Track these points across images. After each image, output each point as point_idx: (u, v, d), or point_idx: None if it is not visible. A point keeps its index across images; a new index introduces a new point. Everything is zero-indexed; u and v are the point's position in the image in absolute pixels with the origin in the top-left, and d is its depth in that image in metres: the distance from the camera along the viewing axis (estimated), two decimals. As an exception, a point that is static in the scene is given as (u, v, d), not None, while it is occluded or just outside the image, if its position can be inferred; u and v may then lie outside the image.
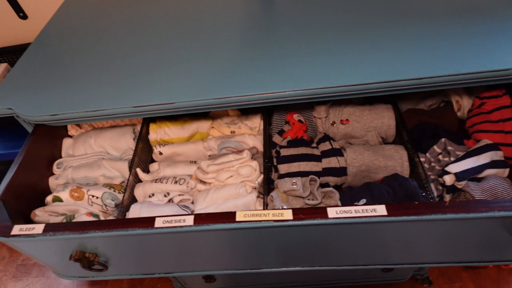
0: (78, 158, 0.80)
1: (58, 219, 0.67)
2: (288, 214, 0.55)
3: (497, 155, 0.69)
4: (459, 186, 0.66)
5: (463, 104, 0.83)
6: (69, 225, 0.58)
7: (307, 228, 0.56)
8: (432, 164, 0.72)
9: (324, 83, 0.63)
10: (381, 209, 0.54)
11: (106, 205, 0.70)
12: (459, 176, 0.65)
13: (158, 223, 0.56)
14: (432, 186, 0.68)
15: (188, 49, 0.79)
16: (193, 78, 0.70)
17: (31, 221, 0.69)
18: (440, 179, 0.68)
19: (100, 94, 0.70)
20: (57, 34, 0.93)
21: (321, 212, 0.55)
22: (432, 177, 0.71)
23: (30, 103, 0.71)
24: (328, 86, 0.63)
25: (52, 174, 0.79)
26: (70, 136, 0.86)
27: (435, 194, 0.67)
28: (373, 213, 0.53)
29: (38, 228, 0.58)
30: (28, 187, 0.72)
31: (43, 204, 0.73)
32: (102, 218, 0.68)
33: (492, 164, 0.68)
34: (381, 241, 0.61)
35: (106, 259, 0.66)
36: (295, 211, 0.55)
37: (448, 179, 0.66)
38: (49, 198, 0.71)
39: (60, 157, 0.83)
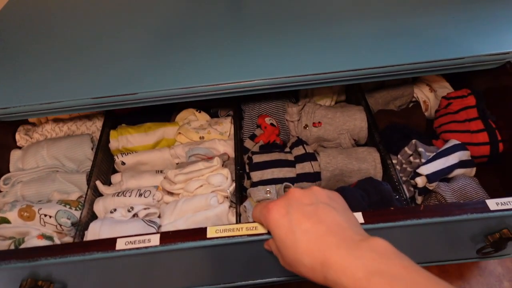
0: (29, 172, 0.72)
1: (5, 244, 0.60)
2: (262, 228, 0.52)
3: (465, 155, 0.69)
4: (430, 188, 0.66)
5: (430, 105, 0.84)
6: (16, 253, 0.52)
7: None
8: (404, 165, 0.72)
9: (292, 72, 0.64)
10: (358, 217, 0.52)
11: (61, 225, 0.63)
12: (430, 178, 0.65)
13: (120, 245, 0.51)
14: (405, 187, 0.68)
15: (151, 37, 0.76)
16: (157, 68, 0.68)
17: (-26, 247, 0.62)
18: (412, 181, 0.68)
19: (56, 86, 0.66)
20: (7, 20, 0.85)
21: (297, 223, 0.52)
22: (404, 178, 0.71)
23: None
24: (294, 75, 0.64)
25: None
26: (19, 148, 0.78)
27: (408, 195, 0.67)
28: (351, 222, 0.51)
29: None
30: (-31, 207, 0.64)
31: (-12, 225, 0.65)
32: (56, 239, 0.62)
33: (461, 164, 0.68)
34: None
35: (62, 285, 0.60)
36: (271, 224, 0.52)
37: (420, 181, 0.65)
38: (-6, 220, 0.63)
39: (7, 171, 0.74)
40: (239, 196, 0.69)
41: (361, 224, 0.51)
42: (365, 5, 0.79)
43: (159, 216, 0.68)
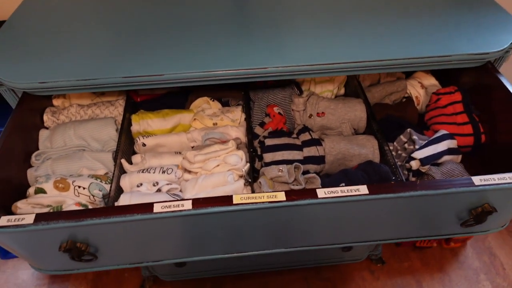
0: (58, 150, 0.78)
1: (44, 211, 0.65)
2: (281, 196, 0.60)
3: (452, 143, 0.79)
4: (423, 170, 0.75)
5: (422, 100, 0.94)
6: (63, 214, 0.58)
7: (298, 208, 0.61)
8: (399, 151, 0.81)
9: (301, 61, 0.72)
10: (363, 189, 0.60)
11: (93, 196, 0.69)
12: (423, 161, 0.74)
13: (157, 208, 0.58)
14: (400, 170, 0.77)
15: (179, 22, 0.83)
16: (181, 53, 0.75)
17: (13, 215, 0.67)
18: (407, 164, 0.77)
19: (89, 64, 0.73)
20: (42, 1, 0.90)
21: (311, 193, 0.60)
22: (399, 163, 0.80)
23: (17, 70, 0.70)
24: (304, 64, 0.72)
25: (30, 166, 0.76)
26: (46, 128, 0.83)
27: (403, 177, 0.76)
28: (357, 192, 0.60)
29: (29, 218, 0.57)
30: (4, 181, 0.69)
31: (22, 197, 0.70)
32: (90, 208, 0.68)
33: (449, 151, 0.78)
34: (360, 218, 0.68)
35: (95, 249, 0.66)
36: (288, 193, 0.60)
37: (414, 164, 0.75)
38: (31, 190, 0.69)
39: (36, 149, 0.80)
40: (252, 175, 0.77)
41: (366, 195, 0.60)
42: (365, 6, 0.88)
43: (180, 191, 0.75)
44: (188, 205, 0.58)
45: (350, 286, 1.29)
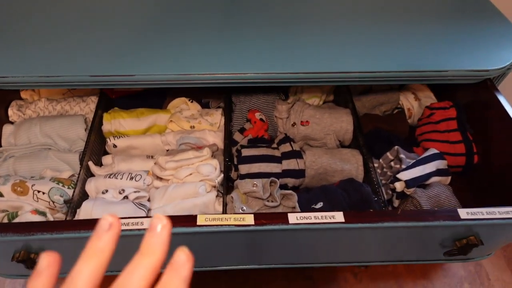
0: (21, 148, 0.73)
1: (-2, 216, 0.61)
2: (249, 219, 0.55)
3: (442, 164, 0.74)
4: (408, 193, 0.70)
5: (414, 112, 0.88)
6: (12, 226, 0.53)
7: (267, 232, 0.56)
8: (384, 169, 0.76)
9: (285, 69, 0.67)
10: (339, 216, 0.56)
11: (53, 202, 0.65)
12: (409, 183, 0.69)
13: (113, 225, 0.54)
14: (383, 190, 0.72)
15: (151, 24, 0.77)
16: (155, 53, 0.70)
17: (-36, 218, 0.63)
18: (391, 185, 0.72)
19: (55, 60, 0.67)
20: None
21: (282, 217, 0.56)
22: (383, 181, 0.76)
23: None
24: (287, 72, 0.66)
25: (-10, 164, 0.72)
26: (11, 123, 0.78)
27: (385, 198, 0.71)
28: (332, 220, 0.56)
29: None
30: (-40, 178, 0.65)
31: (-22, 198, 0.66)
32: (49, 215, 0.64)
33: (438, 172, 0.73)
34: (335, 243, 0.64)
35: (52, 259, 0.62)
36: (257, 216, 0.56)
37: (399, 186, 0.70)
38: (-14, 193, 0.64)
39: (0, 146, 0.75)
40: (226, 186, 0.72)
41: (342, 223, 0.55)
42: (359, 12, 0.82)
43: (148, 200, 0.71)
44: (146, 223, 0.54)
45: (332, 287, 1.27)
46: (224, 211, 0.67)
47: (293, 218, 0.56)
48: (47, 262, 0.23)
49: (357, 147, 0.80)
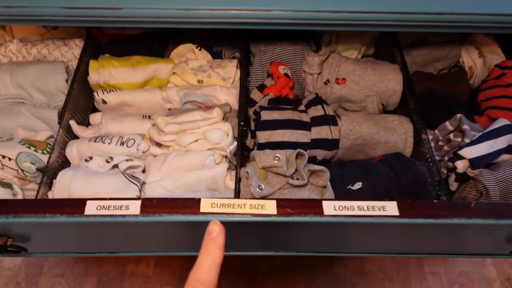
0: (-13, 101, 0.59)
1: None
2: (270, 207, 0.41)
3: (515, 138, 0.58)
4: (471, 174, 0.55)
5: (477, 72, 0.70)
6: (-43, 205, 0.41)
7: (293, 224, 0.43)
8: (440, 143, 0.60)
9: (319, 6, 0.49)
10: (391, 208, 0.42)
11: (23, 170, 0.52)
12: (474, 163, 0.54)
13: (90, 209, 0.41)
14: (439, 169, 0.57)
15: None
16: None
17: None
18: (449, 163, 0.57)
19: None
20: None
21: (314, 206, 0.42)
22: (437, 158, 0.60)
23: None
24: (324, 10, 0.49)
25: (-51, 120, 0.58)
26: (-23, 69, 0.64)
27: (441, 178, 0.56)
28: (381, 212, 0.41)
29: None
30: None
31: None
32: (16, 188, 0.51)
33: (508, 149, 0.57)
34: (380, 235, 0.50)
35: (23, 238, 0.50)
36: (281, 203, 0.41)
37: (461, 165, 0.55)
38: None
39: (-37, 96, 0.61)
40: (240, 157, 0.58)
41: (395, 217, 0.41)
42: None
43: (143, 171, 0.57)
44: (135, 208, 0.41)
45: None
46: (237, 189, 0.54)
47: (329, 207, 0.41)
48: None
49: (405, 113, 0.64)
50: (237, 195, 0.53)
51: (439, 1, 0.51)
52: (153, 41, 0.71)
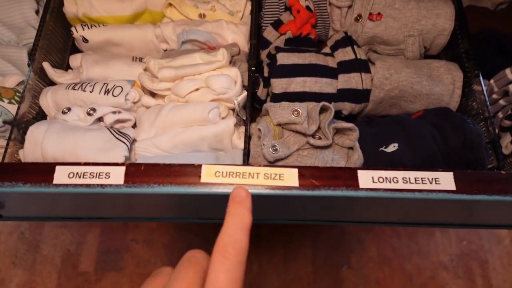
0: None
1: None
2: (291, 177, 0.32)
3: None
4: (533, 135, 0.45)
5: (543, 8, 0.57)
6: None
7: (319, 198, 0.34)
8: (495, 96, 0.49)
9: None
10: (447, 180, 0.32)
11: (-14, 123, 0.42)
12: (540, 121, 0.43)
13: (60, 177, 0.32)
14: (495, 129, 0.47)
15: None
16: None
17: None
18: (506, 121, 0.46)
19: None
20: None
21: (347, 177, 0.32)
22: (487, 114, 0.49)
23: None
24: None
25: None
26: None
27: (496, 140, 0.46)
28: (434, 186, 0.32)
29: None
30: None
31: None
32: (-21, 144, 0.42)
33: None
34: (425, 210, 0.41)
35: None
36: (304, 173, 0.32)
37: (522, 125, 0.44)
38: None
39: None
40: (251, 110, 0.48)
41: (451, 191, 0.32)
42: None
43: (134, 126, 0.48)
44: (118, 177, 0.32)
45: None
46: (246, 149, 0.44)
47: (366, 179, 0.32)
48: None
49: (454, 58, 0.52)
50: (246, 157, 0.44)
51: None
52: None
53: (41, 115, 0.48)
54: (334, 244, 1.01)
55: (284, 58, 0.47)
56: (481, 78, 0.48)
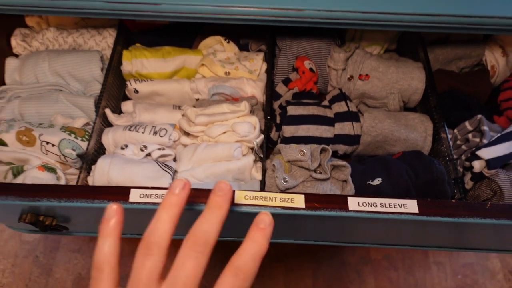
0: (28, 88, 0.62)
1: (2, 170, 0.53)
2: (299, 201, 0.44)
3: (532, 140, 0.60)
4: (487, 174, 0.57)
5: (499, 71, 0.71)
6: (14, 189, 0.44)
7: (318, 217, 0.46)
8: (458, 142, 0.62)
9: (347, 6, 0.51)
10: (412, 206, 0.45)
11: (65, 156, 0.55)
12: (491, 163, 0.56)
13: (134, 196, 0.44)
14: (456, 168, 0.59)
15: None
16: None
17: (-34, 167, 0.55)
18: (466, 162, 0.59)
19: None
20: None
21: (339, 202, 0.45)
22: (454, 156, 0.62)
23: None
24: (358, 10, 0.51)
25: (-7, 105, 0.62)
26: (16, 56, 0.67)
27: (458, 176, 0.59)
28: (402, 210, 0.44)
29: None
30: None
31: (-19, 144, 0.57)
32: (60, 172, 0.55)
33: (525, 151, 0.59)
34: (395, 231, 0.53)
35: (65, 219, 0.54)
36: (309, 198, 0.45)
37: (478, 166, 0.57)
38: (-12, 140, 0.55)
39: (2, 81, 0.64)
40: (266, 149, 0.61)
41: (415, 214, 0.44)
42: None
43: (174, 160, 0.61)
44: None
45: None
46: (263, 180, 0.57)
47: (354, 204, 0.45)
48: (114, 209, 0.30)
49: (426, 111, 0.66)
50: (262, 185, 0.57)
51: (464, 3, 0.52)
52: (181, 32, 0.73)
53: (101, 150, 0.61)
54: (333, 275, 1.08)
55: (293, 110, 0.61)
56: (446, 128, 0.61)
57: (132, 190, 0.44)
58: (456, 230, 0.52)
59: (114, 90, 0.66)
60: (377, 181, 0.57)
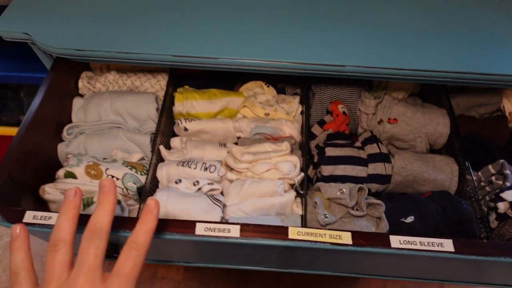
0: (92, 125, 0.69)
1: (73, 200, 0.59)
2: (347, 238, 0.50)
3: (551, 184, 0.65)
4: (511, 215, 0.62)
5: (516, 117, 0.78)
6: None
7: (363, 253, 0.51)
8: (482, 183, 0.68)
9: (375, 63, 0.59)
10: (448, 245, 0.49)
11: (127, 189, 0.61)
12: (515, 205, 0.61)
13: (200, 230, 0.50)
14: (482, 207, 0.64)
15: (237, 8, 0.68)
16: (242, 34, 0.63)
17: (39, 198, 0.61)
18: (491, 203, 0.64)
19: (134, 36, 0.62)
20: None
21: (383, 239, 0.50)
22: (479, 196, 0.68)
23: (52, 32, 0.61)
24: (392, 67, 0.59)
25: (61, 140, 0.69)
26: (81, 95, 0.74)
27: (483, 215, 0.64)
28: (439, 248, 0.49)
29: (55, 218, 0.50)
30: (33, 154, 0.62)
31: (50, 176, 0.64)
32: (123, 203, 0.61)
33: (545, 194, 0.64)
34: (434, 267, 0.58)
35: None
36: (355, 235, 0.50)
37: (502, 207, 0.62)
38: (60, 173, 0.62)
39: (68, 118, 0.72)
40: (305, 184, 0.67)
41: (450, 252, 0.49)
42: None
43: (222, 193, 0.67)
44: (235, 231, 0.50)
45: None
46: (304, 215, 0.62)
47: (395, 241, 0.50)
48: (19, 228, 0.37)
49: (450, 153, 0.72)
50: (303, 220, 0.62)
51: (486, 63, 0.60)
52: (225, 76, 0.81)
53: (154, 183, 0.67)
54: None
55: (331, 151, 0.67)
56: (471, 170, 0.67)
57: (197, 224, 0.50)
58: (478, 266, 0.56)
59: (165, 128, 0.73)
60: (410, 219, 0.62)
